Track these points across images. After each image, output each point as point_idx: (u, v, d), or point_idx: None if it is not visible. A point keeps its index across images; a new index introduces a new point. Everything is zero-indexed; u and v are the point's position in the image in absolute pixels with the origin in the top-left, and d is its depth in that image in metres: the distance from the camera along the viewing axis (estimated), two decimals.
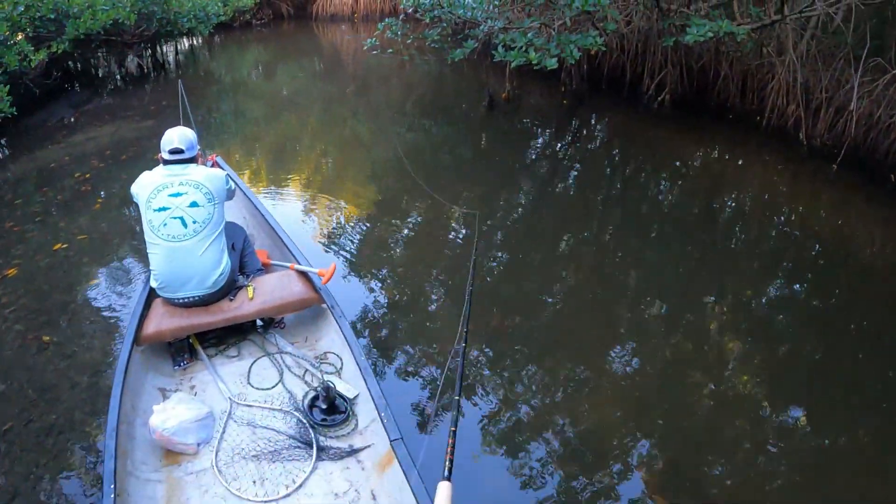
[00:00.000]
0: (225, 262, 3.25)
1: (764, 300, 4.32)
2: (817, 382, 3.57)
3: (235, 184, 4.36)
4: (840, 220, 5.37)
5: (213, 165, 4.45)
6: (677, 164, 6.63)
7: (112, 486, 2.32)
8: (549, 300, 4.36)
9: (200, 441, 2.80)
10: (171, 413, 2.75)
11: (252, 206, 4.37)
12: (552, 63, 5.77)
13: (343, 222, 5.51)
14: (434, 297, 4.41)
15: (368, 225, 5.52)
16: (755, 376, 3.57)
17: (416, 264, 4.89)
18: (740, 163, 6.60)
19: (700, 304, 4.24)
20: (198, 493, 2.59)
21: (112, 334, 4.01)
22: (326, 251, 4.98)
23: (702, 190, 6.03)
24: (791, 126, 6.62)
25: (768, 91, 6.93)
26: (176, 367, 3.27)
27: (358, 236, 5.29)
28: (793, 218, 5.46)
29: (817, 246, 4.99)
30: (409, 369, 3.67)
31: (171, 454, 2.76)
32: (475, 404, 3.38)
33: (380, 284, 4.54)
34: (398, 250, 5.11)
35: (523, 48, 5.89)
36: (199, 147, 3.39)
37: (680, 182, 6.31)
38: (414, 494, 2.34)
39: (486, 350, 3.81)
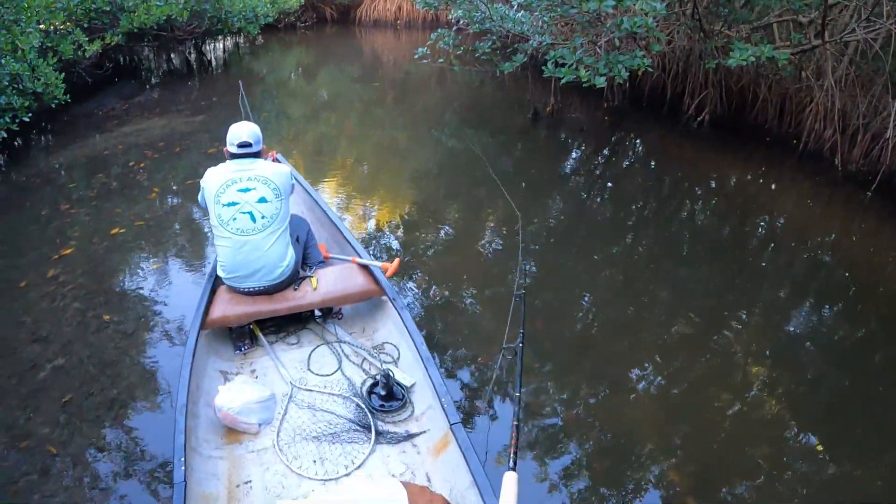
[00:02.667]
0: (290, 255, 3.39)
1: (792, 325, 4.36)
2: (841, 412, 3.59)
3: (296, 179, 4.52)
4: (872, 248, 5.38)
5: (273, 161, 4.62)
6: (712, 183, 6.69)
7: (182, 460, 2.46)
8: (583, 311, 4.46)
9: (262, 421, 2.93)
10: (235, 393, 2.89)
11: (312, 202, 4.53)
12: (601, 82, 5.88)
13: (391, 222, 5.66)
14: (481, 296, 4.51)
15: (415, 225, 5.66)
16: (780, 400, 3.61)
17: (463, 264, 5.00)
18: (774, 185, 6.64)
19: (729, 325, 4.28)
20: (259, 470, 2.73)
21: (171, 317, 4.16)
22: (376, 247, 5.13)
23: (735, 211, 6.08)
24: (827, 151, 6.65)
25: (806, 115, 6.97)
26: (237, 352, 3.42)
27: (405, 235, 5.42)
28: (824, 243, 5.49)
29: (848, 273, 5.00)
30: (461, 364, 3.79)
31: (232, 433, 2.90)
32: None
33: (430, 281, 4.66)
34: (445, 250, 5.24)
35: (573, 66, 6.00)
36: (263, 143, 3.52)
37: (714, 202, 6.37)
38: (472, 474, 2.45)
39: (532, 354, 3.90)
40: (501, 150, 7.64)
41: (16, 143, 7.54)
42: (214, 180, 3.31)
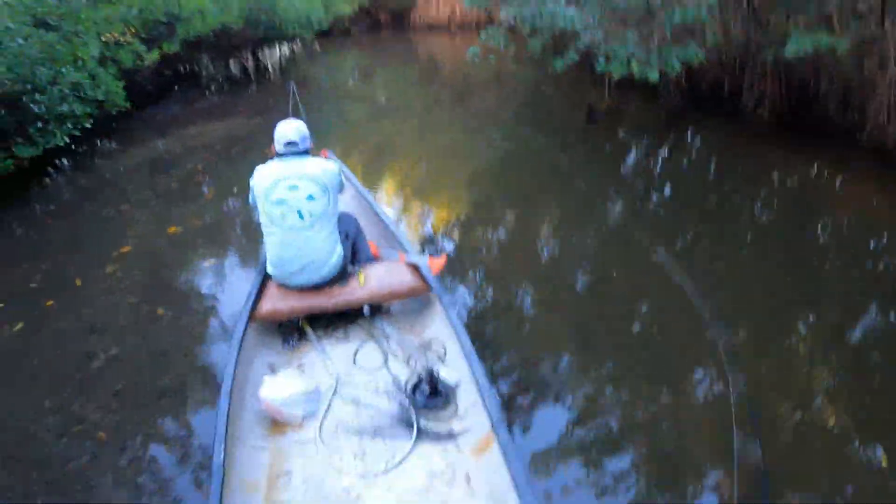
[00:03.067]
0: (338, 252, 3.40)
1: (857, 329, 4.12)
2: None
3: (346, 177, 4.55)
4: None
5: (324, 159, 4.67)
6: (774, 180, 6.45)
7: (222, 447, 2.48)
8: (639, 310, 4.35)
9: (306, 414, 2.93)
10: (281, 385, 2.91)
11: (362, 199, 4.55)
12: (654, 75, 5.75)
13: (444, 221, 5.65)
14: (533, 298, 4.46)
15: (468, 225, 5.63)
16: (844, 409, 3.41)
17: (517, 266, 4.94)
18: (838, 181, 6.35)
19: (790, 327, 4.10)
20: (301, 461, 2.72)
21: (224, 313, 4.24)
22: (427, 246, 5.12)
23: (798, 208, 5.85)
24: (892, 145, 6.34)
25: (869, 107, 6.67)
26: (285, 346, 3.44)
27: (458, 234, 5.40)
28: (888, 244, 5.20)
29: None
30: (509, 366, 3.73)
31: (276, 424, 2.90)
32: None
33: (482, 281, 4.63)
34: (499, 251, 5.21)
35: (624, 60, 5.89)
36: (311, 140, 3.53)
37: (776, 199, 6.14)
38: (512, 477, 2.39)
39: (575, 354, 3.85)
40: (558, 149, 7.54)
41: (80, 149, 7.83)
42: (263, 179, 3.34)
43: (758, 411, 3.37)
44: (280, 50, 14.56)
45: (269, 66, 13.47)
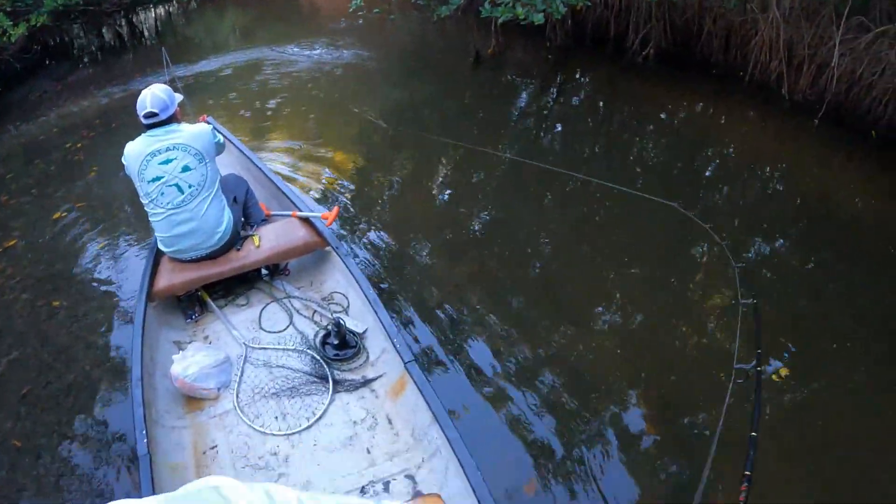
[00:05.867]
0: (227, 218, 3.29)
1: (749, 254, 4.37)
2: (799, 336, 3.61)
3: (226, 139, 4.38)
4: (822, 175, 5.43)
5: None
6: (662, 117, 6.67)
7: (143, 432, 2.45)
8: (535, 252, 4.45)
9: (220, 385, 2.92)
10: (190, 361, 2.87)
11: (247, 161, 4.41)
12: (539, 18, 5.74)
13: (332, 174, 5.55)
14: (429, 243, 4.49)
15: (360, 176, 5.58)
16: (737, 329, 3.59)
17: (410, 213, 4.96)
18: (723, 118, 6.66)
19: (684, 257, 4.31)
20: (223, 433, 2.72)
21: (123, 295, 4.09)
22: (321, 200, 5.04)
23: (686, 144, 6.06)
24: (773, 82, 6.61)
25: (751, 47, 6.87)
26: (188, 320, 3.36)
27: (351, 186, 5.34)
28: (776, 172, 5.52)
29: (800, 200, 5.04)
30: (413, 307, 3.78)
31: (192, 401, 2.88)
32: (460, 348, 3.51)
33: (378, 231, 4.62)
34: (393, 200, 5.20)
35: (510, 4, 5.83)
36: (177, 104, 3.27)
37: (664, 136, 6.35)
38: (432, 411, 2.49)
39: (485, 296, 3.91)
40: (448, 96, 7.49)
41: None
42: (133, 158, 3.12)
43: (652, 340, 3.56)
44: (155, 12, 13.70)
45: (145, 31, 12.69)
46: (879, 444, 2.95)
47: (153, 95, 3.11)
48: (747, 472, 1.51)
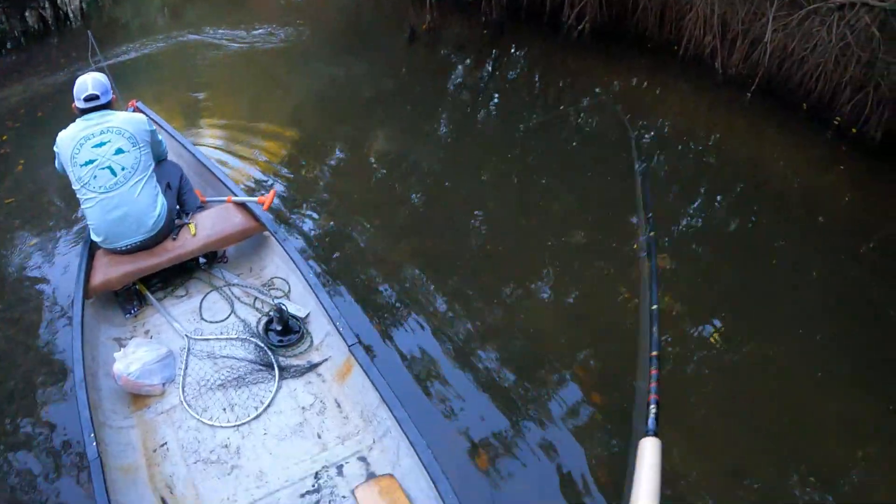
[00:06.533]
0: (161, 204, 3.19)
1: (685, 223, 4.48)
2: (734, 301, 3.75)
3: (160, 126, 4.24)
4: (754, 146, 5.52)
5: (134, 111, 4.30)
6: (597, 91, 6.63)
7: (92, 436, 2.39)
8: (473, 225, 4.44)
9: (165, 380, 2.86)
10: (132, 358, 2.80)
11: (180, 147, 4.26)
12: None
13: (266, 157, 5.40)
14: (367, 223, 4.43)
15: (296, 158, 5.44)
16: (678, 294, 3.76)
17: (343, 193, 4.88)
18: (658, 91, 6.68)
19: (623, 227, 4.35)
20: (172, 429, 2.68)
21: (57, 293, 3.94)
22: (257, 184, 4.93)
23: (621, 117, 6.01)
24: (707, 56, 6.69)
25: (686, 22, 6.91)
26: (127, 315, 3.27)
27: (287, 168, 5.21)
28: (709, 144, 5.61)
29: (733, 171, 5.13)
30: (356, 289, 3.76)
31: (138, 398, 2.83)
32: (403, 321, 3.53)
33: (316, 213, 4.55)
34: (330, 180, 5.10)
35: None
36: (113, 92, 3.25)
37: (599, 110, 6.32)
38: (378, 392, 2.50)
39: (425, 273, 3.92)
40: (383, 73, 7.32)
41: None
42: (67, 143, 3.06)
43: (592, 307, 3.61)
44: None
45: (70, 13, 12.12)
46: (797, 397, 3.18)
47: (94, 79, 3.11)
48: (654, 353, 1.47)
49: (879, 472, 2.91)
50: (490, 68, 7.49)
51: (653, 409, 1.03)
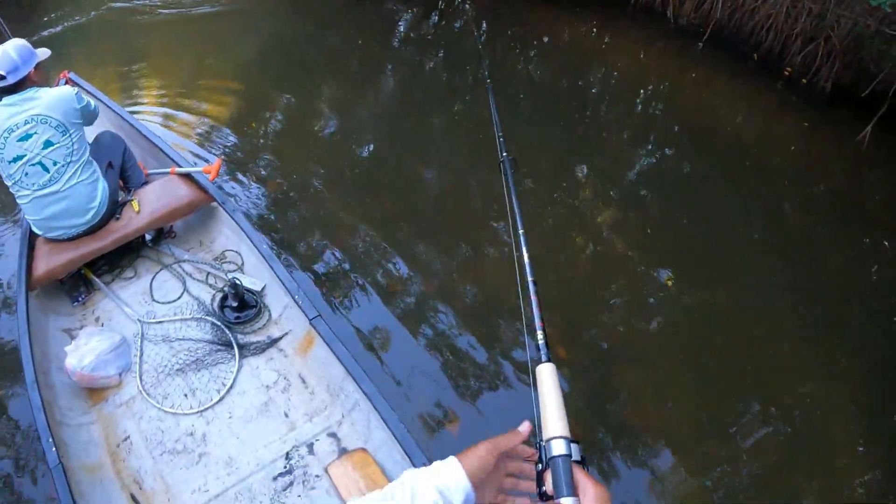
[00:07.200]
0: (101, 189, 2.96)
1: (635, 171, 4.46)
2: (686, 245, 3.79)
3: (96, 98, 3.93)
4: (704, 96, 5.49)
5: (66, 83, 3.96)
6: (545, 41, 6.42)
7: (50, 440, 2.26)
8: (424, 182, 4.39)
9: (121, 370, 2.72)
10: (84, 350, 2.63)
11: (119, 119, 3.96)
12: None
13: (212, 123, 5.13)
14: (320, 185, 4.28)
15: (243, 121, 5.18)
16: (630, 242, 3.77)
17: (292, 156, 4.69)
18: (608, 40, 6.46)
19: (574, 176, 4.32)
20: (133, 422, 2.55)
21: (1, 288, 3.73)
22: (203, 152, 4.67)
23: (571, 67, 5.92)
24: (659, 6, 6.48)
25: None
26: (75, 304, 3.08)
27: (228, 135, 4.96)
28: (659, 93, 5.55)
29: (682, 120, 5.11)
30: (312, 257, 3.64)
31: (96, 392, 2.68)
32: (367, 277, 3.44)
33: (266, 179, 4.35)
34: (274, 144, 4.89)
35: None
36: (35, 62, 2.85)
37: (549, 60, 6.17)
38: (343, 365, 2.37)
39: (378, 232, 3.81)
40: (329, 30, 6.94)
41: None
42: None
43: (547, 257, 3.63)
44: None
45: None
46: (747, 339, 3.27)
47: (2, 52, 2.71)
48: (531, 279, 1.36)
49: (830, 407, 3.02)
50: (436, 19, 7.19)
51: (540, 335, 0.99)
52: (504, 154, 1.59)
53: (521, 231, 1.30)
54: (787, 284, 3.56)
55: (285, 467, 2.34)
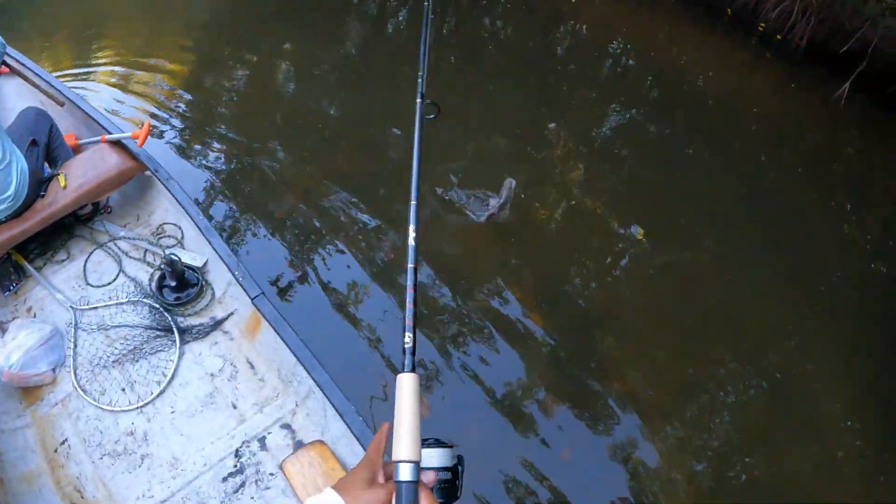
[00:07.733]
0: (16, 174, 2.60)
1: (606, 128, 4.36)
2: (658, 200, 3.72)
3: (20, 62, 3.56)
4: (677, 51, 5.34)
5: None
6: None
7: None
8: (385, 141, 4.15)
9: (54, 364, 2.41)
10: (11, 346, 2.34)
11: (48, 86, 3.58)
12: None
13: (168, 86, 4.78)
14: (276, 146, 4.01)
15: (195, 84, 4.85)
16: (602, 198, 3.70)
17: (249, 118, 4.40)
18: None
19: (544, 133, 4.15)
20: (70, 422, 2.27)
21: None
22: (152, 118, 4.32)
23: (541, 22, 5.64)
24: None
25: None
26: (6, 293, 2.75)
27: (183, 98, 4.62)
28: (630, 48, 5.37)
29: (654, 76, 5.02)
30: (253, 230, 3.38)
31: (30, 392, 2.39)
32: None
33: (216, 143, 4.04)
34: (230, 106, 4.57)
35: None
36: None
37: (517, 14, 5.82)
38: (289, 347, 2.11)
39: (337, 195, 3.60)
40: None
41: None
42: None
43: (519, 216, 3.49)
44: None
45: None
46: (722, 293, 3.27)
47: None
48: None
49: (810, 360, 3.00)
50: None
51: (408, 338, 0.73)
52: (421, 95, 1.24)
53: (413, 202, 0.97)
54: (760, 239, 3.54)
55: (235, 466, 2.04)
